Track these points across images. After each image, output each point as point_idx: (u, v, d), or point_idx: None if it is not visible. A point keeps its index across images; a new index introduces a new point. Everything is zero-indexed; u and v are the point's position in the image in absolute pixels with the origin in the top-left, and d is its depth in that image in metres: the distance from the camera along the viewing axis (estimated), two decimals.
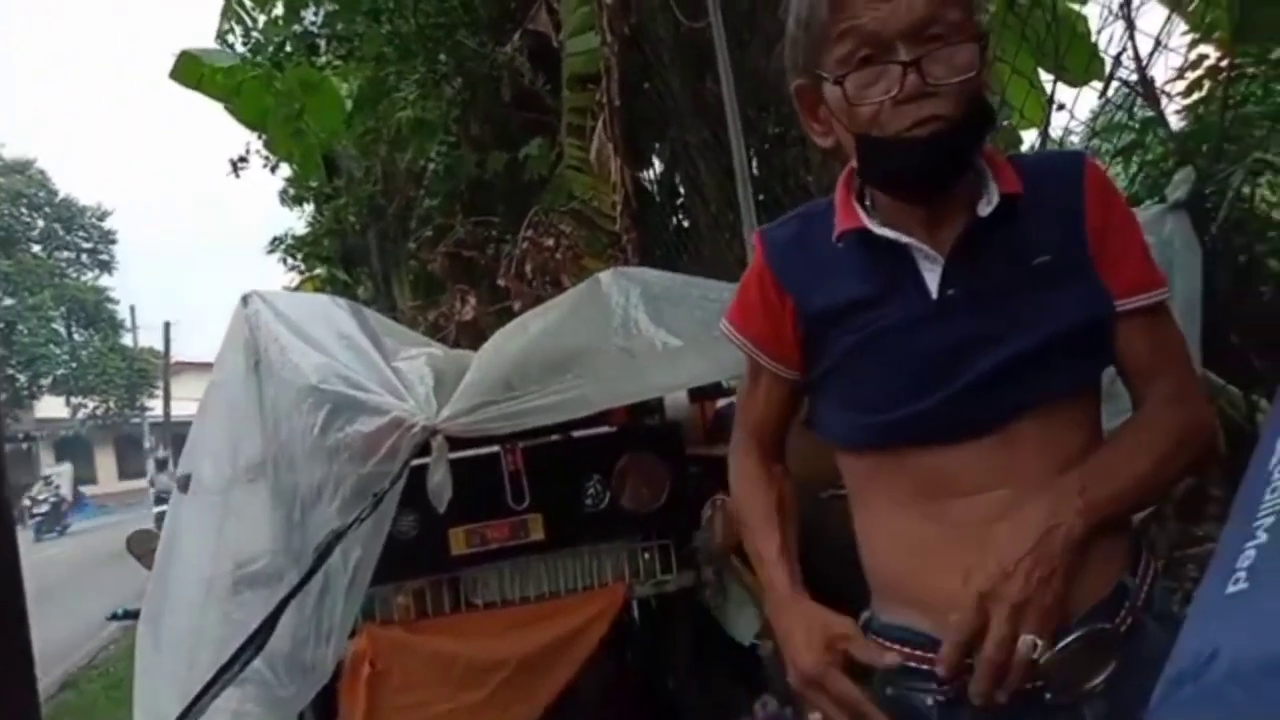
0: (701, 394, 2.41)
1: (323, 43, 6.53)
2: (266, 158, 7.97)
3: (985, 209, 1.09)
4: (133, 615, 3.05)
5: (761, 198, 4.17)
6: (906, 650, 1.14)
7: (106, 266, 36.24)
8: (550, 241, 4.57)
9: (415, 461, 1.87)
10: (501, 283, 4.76)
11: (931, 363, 1.10)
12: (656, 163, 5.60)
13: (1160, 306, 1.15)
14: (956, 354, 1.10)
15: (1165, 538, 2.45)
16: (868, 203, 1.17)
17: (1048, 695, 1.06)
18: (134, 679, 2.21)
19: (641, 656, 2.45)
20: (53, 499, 25.27)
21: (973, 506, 1.10)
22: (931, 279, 1.11)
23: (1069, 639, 1.05)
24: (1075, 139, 3.52)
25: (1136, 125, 3.21)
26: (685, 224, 5.28)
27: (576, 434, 2.30)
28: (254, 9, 7.85)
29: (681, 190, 5.36)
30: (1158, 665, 1.00)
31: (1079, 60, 3.53)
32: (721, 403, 2.61)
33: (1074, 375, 1.11)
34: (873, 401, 1.15)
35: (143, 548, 3.13)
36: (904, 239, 1.11)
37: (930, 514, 1.12)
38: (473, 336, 4.70)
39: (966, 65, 1.05)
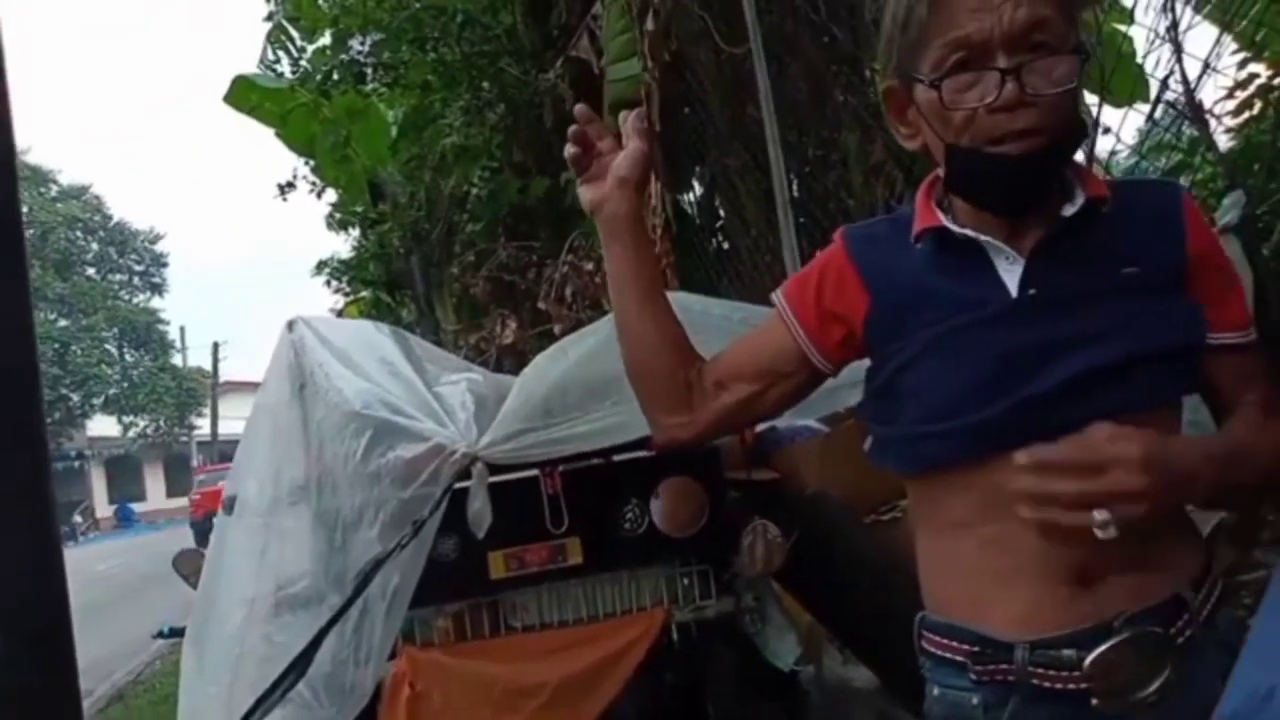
0: None
1: (369, 71, 6.66)
2: (313, 183, 8.13)
3: (1069, 210, 1.08)
4: (178, 633, 3.09)
5: (802, 221, 4.16)
6: (953, 644, 1.14)
7: (158, 289, 37.13)
8: (590, 265, 4.61)
9: (455, 485, 1.88)
10: (542, 306, 4.80)
11: (1007, 365, 1.08)
12: (696, 186, 5.62)
13: (1257, 344, 1.13)
14: (1034, 357, 1.07)
15: (1217, 566, 2.39)
16: (946, 205, 1.16)
17: (1094, 701, 1.04)
18: (178, 698, 2.25)
19: (681, 681, 2.43)
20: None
21: (1032, 526, 1.05)
22: (1011, 280, 1.09)
23: (1117, 639, 1.03)
24: (1120, 160, 3.48)
25: (1184, 146, 3.16)
26: (725, 246, 5.29)
27: (615, 458, 2.30)
28: (301, 38, 8.04)
29: (721, 213, 5.38)
30: (1215, 695, 0.98)
31: (1124, 82, 3.49)
32: (761, 426, 2.60)
33: (1152, 393, 1.07)
34: (942, 406, 1.11)
35: (189, 567, 3.18)
36: (983, 238, 1.10)
37: (991, 538, 1.10)
38: (514, 358, 4.75)
39: (1065, 77, 1.03)
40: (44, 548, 0.78)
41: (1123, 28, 3.57)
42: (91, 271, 35.36)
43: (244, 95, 8.07)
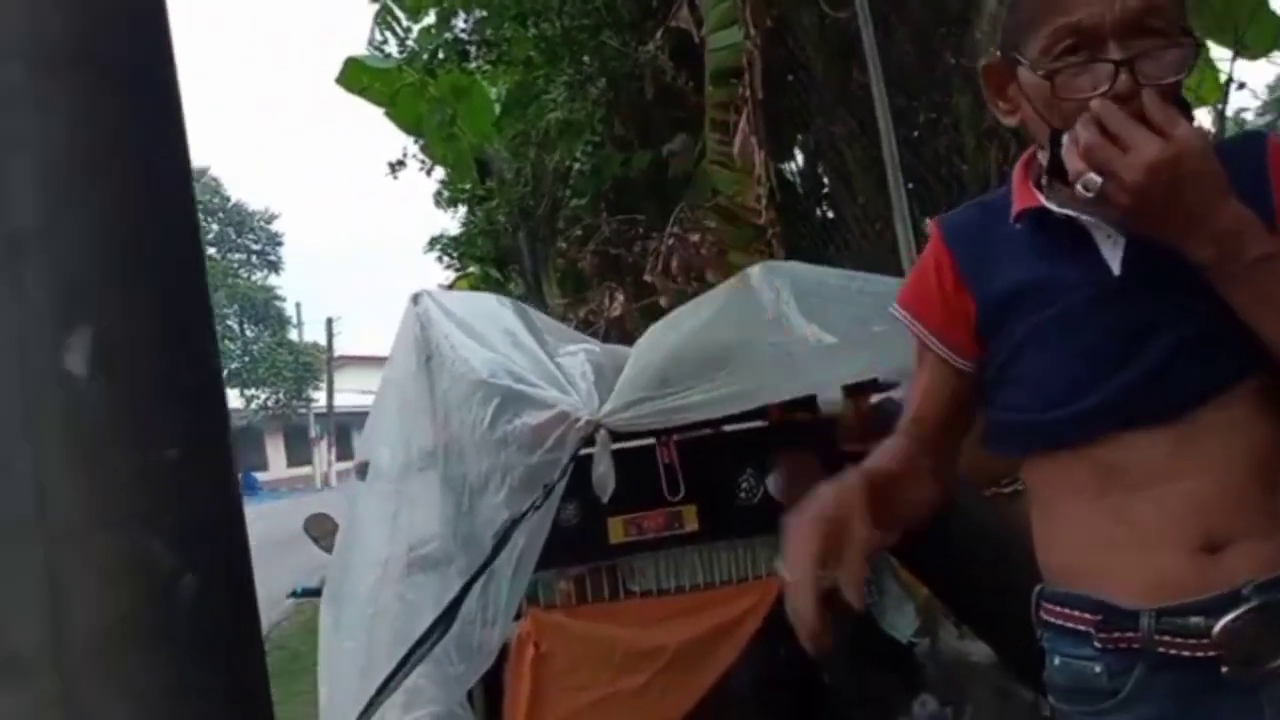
0: (857, 389, 2.39)
1: (473, 49, 6.77)
2: (423, 161, 8.33)
3: None
4: (311, 593, 3.26)
5: (911, 186, 4.08)
6: (1075, 613, 1.13)
7: (274, 267, 38.66)
8: (695, 237, 4.61)
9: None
10: (648, 279, 4.82)
11: (1115, 344, 1.07)
12: (799, 155, 5.55)
13: None
14: (1140, 334, 1.06)
15: None
16: (1044, 185, 1.14)
17: (1224, 669, 1.03)
18: (318, 654, 2.37)
19: (796, 651, 2.45)
20: None
21: (1156, 498, 1.07)
22: (1114, 258, 1.08)
23: (1246, 606, 1.02)
24: (1250, 115, 3.30)
25: None
26: (830, 215, 5.22)
27: (729, 428, 2.32)
28: (406, 18, 8.21)
29: (826, 182, 5.30)
30: None
31: (1262, 32, 3.30)
32: (877, 397, 2.58)
33: (1260, 356, 1.04)
34: (1054, 392, 1.11)
35: (319, 530, 3.35)
36: (1084, 217, 1.09)
37: (1112, 509, 1.10)
38: (621, 332, 4.80)
39: (1178, 65, 1.03)
40: (228, 497, 0.84)
41: None
42: (212, 251, 36.94)
43: (354, 77, 8.29)
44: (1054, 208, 1.11)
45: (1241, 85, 3.02)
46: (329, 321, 35.81)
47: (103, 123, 0.80)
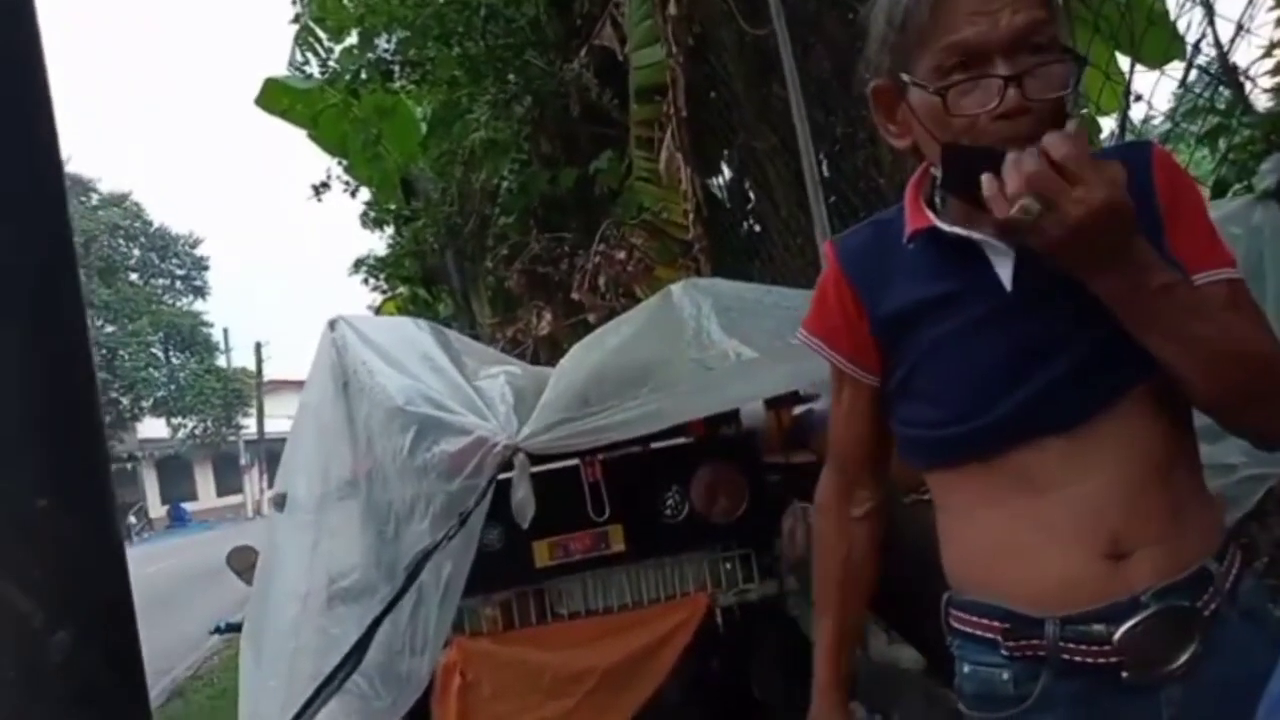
0: (778, 402, 2.41)
1: (396, 68, 6.70)
2: (347, 182, 8.21)
3: None
4: (235, 628, 3.17)
5: (832, 199, 4.14)
6: (983, 621, 1.16)
7: (200, 292, 37.68)
8: (622, 254, 4.61)
9: (499, 476, 1.92)
10: (576, 296, 4.81)
11: (1012, 359, 1.10)
12: (725, 170, 5.60)
13: (1240, 285, 1.10)
14: (1033, 349, 1.09)
15: (1267, 536, 2.37)
16: (937, 202, 1.17)
17: (1124, 674, 1.07)
18: (238, 692, 2.31)
19: (726, 666, 2.46)
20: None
21: (1058, 504, 1.10)
22: (1004, 273, 1.11)
23: (1145, 613, 1.06)
24: (1156, 123, 3.42)
25: (1221, 108, 3.10)
26: (757, 229, 5.27)
27: (654, 445, 2.33)
28: (328, 39, 8.09)
29: (751, 196, 5.36)
30: (1241, 664, 1.01)
31: (1156, 44, 3.42)
32: (798, 409, 2.61)
33: (1149, 361, 1.07)
34: (951, 408, 1.14)
35: (242, 564, 3.25)
36: (975, 235, 1.11)
37: (1014, 518, 1.13)
38: (550, 350, 4.78)
39: (1062, 82, 1.05)
40: (107, 545, 0.81)
41: None
42: (135, 277, 35.96)
43: (275, 98, 8.14)
44: (944, 227, 1.13)
45: (1139, 97, 3.12)
46: (258, 346, 35.10)
47: None
